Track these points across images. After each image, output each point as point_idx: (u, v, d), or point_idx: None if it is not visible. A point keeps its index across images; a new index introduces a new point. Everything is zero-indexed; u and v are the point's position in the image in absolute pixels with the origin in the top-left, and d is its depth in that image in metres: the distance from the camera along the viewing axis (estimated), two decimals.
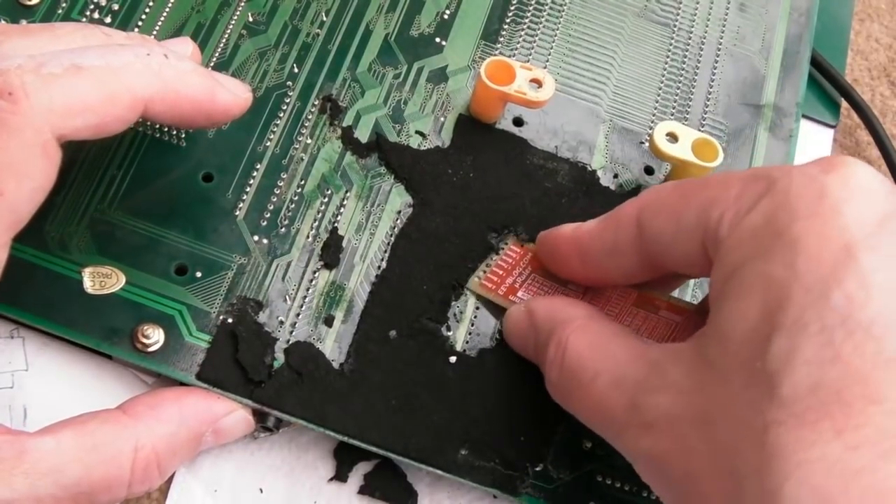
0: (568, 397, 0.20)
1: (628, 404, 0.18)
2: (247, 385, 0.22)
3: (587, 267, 0.22)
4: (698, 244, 0.19)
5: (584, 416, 0.20)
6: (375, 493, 0.23)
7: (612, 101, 0.28)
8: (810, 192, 0.17)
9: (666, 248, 0.20)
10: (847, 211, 0.16)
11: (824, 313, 0.15)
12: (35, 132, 0.18)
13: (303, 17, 0.27)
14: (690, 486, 0.17)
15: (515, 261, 0.24)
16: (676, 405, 0.17)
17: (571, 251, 0.22)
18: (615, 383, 0.19)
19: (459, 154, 0.26)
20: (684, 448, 0.17)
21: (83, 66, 0.19)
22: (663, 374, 0.18)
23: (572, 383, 0.20)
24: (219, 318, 0.23)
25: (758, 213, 0.17)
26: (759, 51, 0.29)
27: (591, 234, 0.22)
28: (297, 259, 0.24)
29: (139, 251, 0.23)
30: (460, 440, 0.22)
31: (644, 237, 0.20)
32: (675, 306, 0.22)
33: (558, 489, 0.23)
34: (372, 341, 0.23)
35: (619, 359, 0.19)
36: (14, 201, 0.18)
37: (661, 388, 0.18)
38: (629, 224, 0.20)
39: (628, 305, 0.22)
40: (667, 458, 0.17)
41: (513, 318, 0.23)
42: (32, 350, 0.23)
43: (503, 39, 0.28)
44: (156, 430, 0.20)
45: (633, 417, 0.18)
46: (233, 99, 0.21)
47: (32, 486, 0.18)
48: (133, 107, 0.19)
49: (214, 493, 0.23)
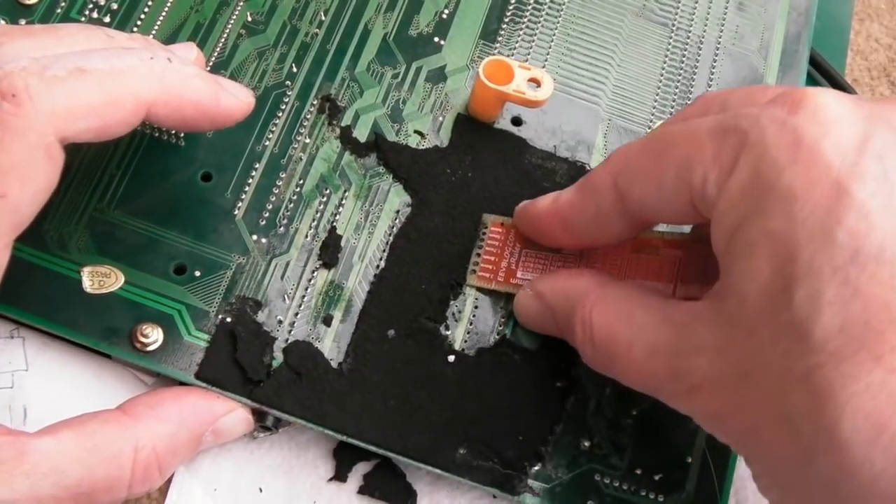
0: (610, 369, 0.21)
1: (669, 371, 0.19)
2: (246, 384, 0.22)
3: (574, 236, 0.22)
4: (686, 203, 0.19)
5: (632, 383, 0.20)
6: (375, 493, 0.23)
7: (610, 101, 0.28)
8: (785, 139, 0.17)
9: (653, 210, 0.20)
10: (826, 147, 0.17)
11: (833, 254, 0.16)
12: (38, 134, 0.18)
13: (301, 17, 0.27)
14: (751, 437, 0.18)
15: (502, 241, 0.24)
16: (714, 366, 0.18)
17: (553, 222, 0.23)
18: (651, 351, 0.19)
19: (458, 153, 0.26)
20: (734, 405, 0.18)
21: (87, 69, 0.19)
22: (692, 336, 0.18)
23: (610, 357, 0.20)
24: (218, 317, 0.23)
25: (741, 170, 0.17)
26: (757, 50, 0.29)
27: (571, 205, 0.22)
28: (295, 258, 0.24)
29: (138, 251, 0.23)
30: (459, 439, 0.22)
31: (627, 203, 0.20)
32: (672, 241, 0.22)
33: (557, 488, 0.23)
34: (371, 341, 0.23)
35: (647, 326, 0.20)
36: (17, 203, 0.18)
37: (694, 351, 0.18)
38: (608, 191, 0.21)
39: (627, 254, 0.23)
40: (721, 416, 0.18)
41: (523, 306, 0.23)
42: (32, 350, 0.23)
43: (502, 39, 0.28)
44: (156, 431, 0.20)
45: (678, 383, 0.19)
46: (236, 103, 0.21)
47: (33, 487, 0.18)
48: (136, 110, 0.19)
49: (214, 493, 0.23)
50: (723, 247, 0.18)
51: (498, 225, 0.25)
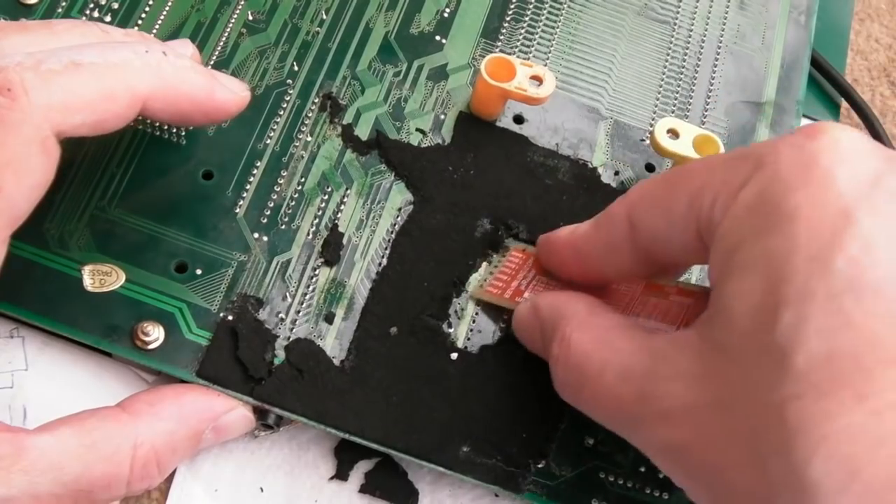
0: (577, 394, 0.20)
1: (638, 395, 0.18)
2: (247, 382, 0.22)
3: (586, 268, 0.22)
4: (693, 233, 0.18)
5: (596, 412, 0.20)
6: (376, 492, 0.23)
7: (612, 99, 0.28)
8: (800, 162, 0.17)
9: (661, 242, 0.20)
10: (840, 175, 0.16)
11: (830, 280, 0.15)
12: (34, 129, 0.18)
13: (303, 16, 0.27)
14: (714, 474, 0.17)
15: (518, 266, 0.24)
16: (689, 393, 0.17)
17: (569, 254, 0.22)
18: (623, 375, 0.18)
19: (460, 151, 0.26)
20: (703, 436, 0.17)
21: (82, 63, 0.19)
22: (671, 362, 0.17)
23: (579, 379, 0.20)
24: (219, 315, 0.23)
25: (750, 190, 0.17)
26: (759, 48, 0.29)
27: (586, 236, 0.22)
28: (297, 256, 0.24)
29: (139, 249, 0.23)
30: (462, 437, 0.22)
31: (638, 234, 0.20)
32: (685, 290, 0.22)
33: (560, 486, 0.22)
34: (373, 338, 0.23)
35: (624, 350, 0.19)
36: (13, 197, 0.18)
37: (671, 377, 0.17)
38: (621, 222, 0.20)
39: (637, 295, 0.22)
40: (686, 448, 0.17)
41: (519, 315, 0.23)
42: (32, 350, 0.23)
43: (503, 37, 0.28)
44: (155, 428, 0.20)
45: (646, 408, 0.18)
46: (231, 96, 0.21)
47: (31, 484, 0.18)
48: (132, 104, 0.19)
49: (215, 493, 0.23)
50: (717, 269, 0.17)
51: (519, 251, 0.24)
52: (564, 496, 0.22)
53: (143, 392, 0.21)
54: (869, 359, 0.15)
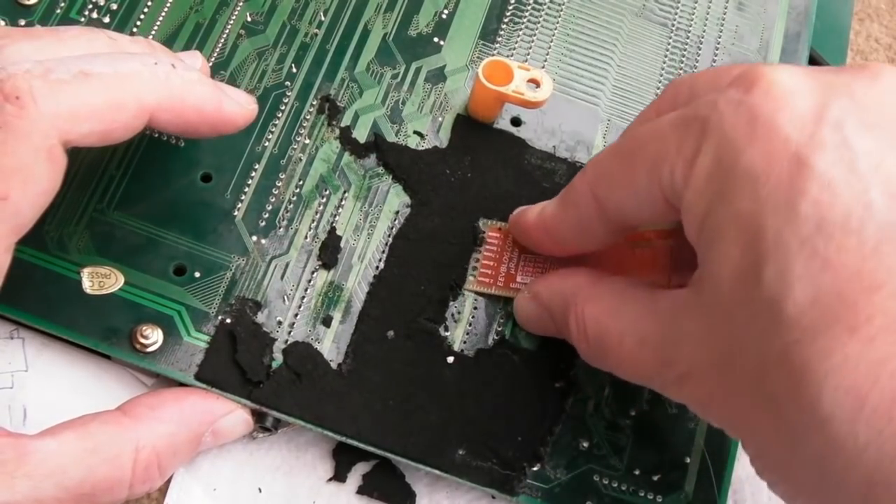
0: (604, 362, 0.21)
1: (659, 360, 0.19)
2: (245, 385, 0.22)
3: (562, 246, 0.23)
4: (661, 202, 0.19)
5: (626, 375, 0.21)
6: (374, 494, 0.23)
7: (610, 101, 0.28)
8: (742, 119, 0.17)
9: (632, 212, 0.20)
10: (782, 122, 0.17)
11: (799, 227, 0.16)
12: (42, 137, 0.18)
13: (301, 17, 0.27)
14: (738, 423, 0.18)
15: (500, 246, 0.24)
16: (698, 354, 0.18)
17: (540, 235, 0.23)
18: (640, 343, 0.19)
19: (457, 154, 0.26)
20: (721, 391, 0.18)
21: (91, 73, 0.19)
22: (677, 325, 0.18)
23: (603, 350, 0.21)
24: (217, 318, 0.23)
25: (704, 158, 0.17)
26: (757, 49, 0.29)
27: (555, 218, 0.22)
28: (295, 259, 0.24)
29: (138, 251, 0.23)
30: (458, 440, 0.23)
31: (606, 210, 0.20)
32: (664, 231, 0.23)
33: (556, 489, 0.23)
34: (370, 341, 0.23)
35: (635, 317, 0.20)
36: (19, 205, 0.18)
37: (680, 340, 0.18)
38: (587, 202, 0.21)
39: (622, 250, 0.23)
40: (710, 403, 0.18)
41: (521, 308, 0.24)
42: (32, 350, 0.23)
43: (501, 39, 0.28)
44: (156, 431, 0.20)
45: (668, 372, 0.19)
46: (238, 110, 0.22)
47: (35, 488, 0.18)
48: (139, 115, 0.20)
49: (213, 493, 0.23)
50: (695, 236, 0.18)
51: (496, 230, 0.25)
52: (559, 499, 0.23)
53: (143, 395, 0.21)
54: (850, 291, 0.15)
